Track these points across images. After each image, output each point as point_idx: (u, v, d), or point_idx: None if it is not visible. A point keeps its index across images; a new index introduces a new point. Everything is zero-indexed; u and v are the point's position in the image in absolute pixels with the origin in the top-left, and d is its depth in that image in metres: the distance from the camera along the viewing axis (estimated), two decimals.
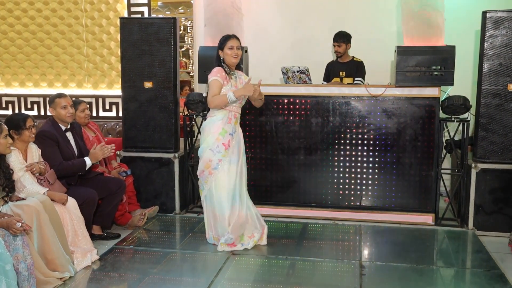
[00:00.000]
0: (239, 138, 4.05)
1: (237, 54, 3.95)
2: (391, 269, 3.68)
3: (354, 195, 4.81)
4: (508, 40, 4.30)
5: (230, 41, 3.95)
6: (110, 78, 6.78)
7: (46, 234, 3.29)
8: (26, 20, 6.88)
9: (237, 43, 3.97)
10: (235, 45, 3.94)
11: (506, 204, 4.42)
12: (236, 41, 3.97)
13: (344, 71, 5.29)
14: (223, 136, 3.94)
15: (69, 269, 3.42)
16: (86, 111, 4.52)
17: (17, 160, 3.56)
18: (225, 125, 3.96)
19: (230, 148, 3.95)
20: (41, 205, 3.31)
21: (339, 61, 5.35)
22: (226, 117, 3.96)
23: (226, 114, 3.96)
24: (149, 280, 3.46)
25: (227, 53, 3.95)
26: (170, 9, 7.68)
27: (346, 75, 5.30)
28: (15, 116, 3.69)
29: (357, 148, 4.76)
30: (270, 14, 6.08)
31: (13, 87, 7.10)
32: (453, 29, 4.94)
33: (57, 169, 3.83)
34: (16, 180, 3.48)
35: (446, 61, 4.45)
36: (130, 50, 4.88)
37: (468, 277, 3.59)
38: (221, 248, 3.96)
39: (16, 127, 3.58)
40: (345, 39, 5.22)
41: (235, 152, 3.98)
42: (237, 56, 3.96)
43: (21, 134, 3.60)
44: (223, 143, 3.93)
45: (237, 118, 4.04)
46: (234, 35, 4.02)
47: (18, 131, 3.58)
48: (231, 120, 3.98)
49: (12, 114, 3.73)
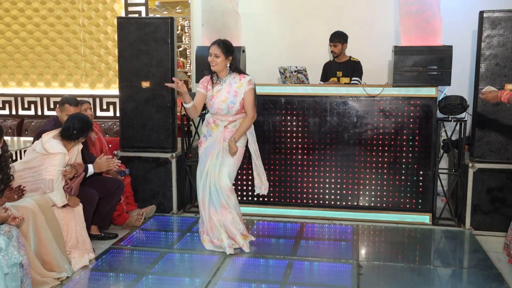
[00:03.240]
0: (215, 143, 3.92)
1: (215, 61, 3.84)
2: (389, 269, 3.68)
3: (352, 195, 4.81)
4: (505, 40, 4.31)
5: (210, 48, 3.88)
6: (107, 78, 6.77)
7: (42, 235, 3.28)
8: (23, 20, 6.86)
9: (214, 50, 3.83)
10: (213, 53, 3.84)
11: (503, 203, 4.43)
12: (214, 48, 3.85)
13: (341, 71, 5.28)
14: (201, 136, 4.12)
15: (66, 269, 3.42)
16: (89, 111, 4.45)
17: (62, 162, 3.58)
18: (204, 127, 4.08)
19: (201, 149, 4.04)
20: (37, 207, 3.30)
21: (336, 61, 5.35)
22: (206, 120, 4.06)
23: (208, 118, 4.05)
24: (146, 280, 3.46)
25: (208, 59, 3.91)
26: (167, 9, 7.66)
27: (343, 75, 5.29)
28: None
29: (355, 147, 4.76)
30: (268, 14, 6.08)
31: (10, 87, 7.08)
32: (450, 29, 4.94)
33: None
34: (47, 178, 3.50)
35: (443, 61, 4.46)
36: (128, 50, 4.87)
37: (465, 276, 3.59)
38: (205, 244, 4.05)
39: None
40: (341, 39, 5.21)
41: (206, 153, 3.97)
42: (215, 64, 3.85)
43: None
44: (200, 141, 4.11)
45: (216, 123, 3.96)
46: (215, 42, 3.89)
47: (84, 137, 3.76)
48: (209, 124, 4.00)
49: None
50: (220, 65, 3.86)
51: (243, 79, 3.91)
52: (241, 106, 3.91)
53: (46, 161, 3.56)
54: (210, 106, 3.96)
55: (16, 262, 2.85)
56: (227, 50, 3.87)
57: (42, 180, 3.53)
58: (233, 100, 3.88)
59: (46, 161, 3.56)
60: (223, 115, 3.93)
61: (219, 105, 3.89)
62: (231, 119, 3.95)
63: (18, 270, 2.90)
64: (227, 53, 3.86)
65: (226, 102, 3.88)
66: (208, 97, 3.96)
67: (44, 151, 3.57)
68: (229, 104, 3.88)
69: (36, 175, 3.57)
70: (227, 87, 3.90)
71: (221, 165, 3.92)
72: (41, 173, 3.53)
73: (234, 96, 3.87)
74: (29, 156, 3.67)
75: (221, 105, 3.89)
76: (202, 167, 3.98)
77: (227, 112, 3.91)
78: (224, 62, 3.87)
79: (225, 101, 3.88)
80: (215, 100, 3.90)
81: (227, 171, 3.93)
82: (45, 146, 3.59)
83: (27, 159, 3.66)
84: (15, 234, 3.01)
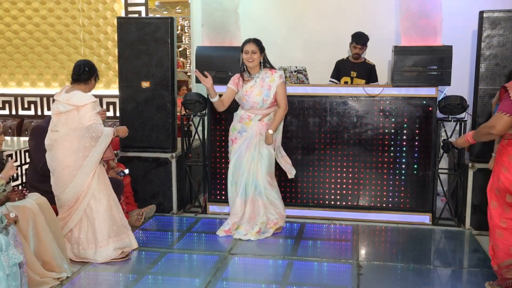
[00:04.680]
0: (251, 138, 4.21)
1: (252, 58, 4.12)
2: (389, 269, 3.68)
3: (352, 195, 4.81)
4: (504, 40, 4.31)
5: (246, 46, 4.15)
6: (107, 78, 6.77)
7: (42, 236, 3.28)
8: (23, 20, 6.87)
9: (251, 47, 4.12)
10: (249, 50, 4.12)
11: None
12: (251, 45, 4.13)
13: (355, 72, 5.29)
14: (233, 133, 4.33)
15: (66, 269, 3.42)
16: None
17: (96, 106, 3.66)
18: (236, 123, 4.32)
19: (235, 145, 4.29)
20: (37, 207, 3.30)
21: (351, 61, 5.34)
22: (238, 116, 4.30)
23: (241, 114, 4.29)
24: (146, 280, 3.46)
25: (243, 57, 4.18)
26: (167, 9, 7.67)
27: (357, 75, 5.30)
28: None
29: (355, 148, 4.76)
30: (267, 14, 6.07)
31: (10, 87, 7.09)
32: (450, 29, 4.95)
33: (41, 167, 3.81)
34: (92, 124, 3.58)
35: (443, 61, 4.46)
36: (127, 50, 4.87)
37: (465, 276, 3.59)
38: (217, 232, 4.32)
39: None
40: (366, 41, 5.20)
41: (242, 149, 4.23)
42: (252, 61, 4.12)
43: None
44: (231, 138, 4.35)
45: (251, 118, 4.24)
46: (251, 40, 4.17)
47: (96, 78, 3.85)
48: (243, 120, 4.25)
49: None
50: (256, 61, 4.16)
51: (275, 74, 4.21)
52: (274, 99, 4.20)
53: (82, 113, 3.58)
54: (246, 101, 4.22)
55: (17, 262, 2.85)
56: (261, 47, 4.20)
57: (87, 129, 3.58)
58: (267, 94, 4.17)
59: (82, 114, 3.58)
60: (258, 108, 4.21)
61: (255, 99, 4.17)
62: (265, 112, 4.24)
63: (18, 269, 2.90)
64: (261, 50, 4.20)
65: (261, 96, 4.17)
66: (242, 94, 4.24)
67: (73, 106, 3.58)
68: (264, 97, 4.17)
69: (81, 130, 3.60)
70: (261, 82, 4.18)
71: (259, 157, 4.23)
72: (84, 125, 3.59)
73: (268, 89, 4.17)
74: (56, 119, 3.64)
75: (256, 99, 4.17)
76: (239, 163, 4.26)
77: (261, 105, 4.19)
78: (259, 58, 4.18)
79: (260, 95, 4.17)
80: (251, 95, 4.18)
81: (265, 163, 4.24)
82: (71, 102, 3.59)
83: (57, 123, 3.63)
84: (12, 232, 3.00)
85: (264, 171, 4.24)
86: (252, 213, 4.31)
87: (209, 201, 5.06)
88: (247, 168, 4.24)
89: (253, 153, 4.22)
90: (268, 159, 4.26)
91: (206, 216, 4.94)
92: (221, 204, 5.01)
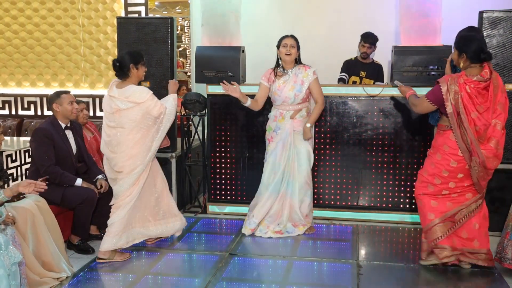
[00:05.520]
0: (286, 136, 4.21)
1: (290, 52, 4.14)
2: (388, 269, 3.68)
3: (351, 195, 4.81)
4: (504, 40, 4.31)
5: (285, 40, 4.19)
6: (107, 78, 6.77)
7: (41, 236, 3.28)
8: (23, 20, 6.87)
9: (290, 41, 4.17)
10: (288, 43, 4.15)
11: (502, 203, 4.42)
12: (290, 40, 4.18)
13: (365, 72, 5.29)
14: (269, 132, 4.35)
15: (65, 269, 3.42)
16: (85, 111, 4.50)
17: (153, 97, 3.77)
18: (271, 123, 4.31)
19: (272, 143, 4.28)
20: (36, 207, 3.30)
21: (361, 61, 5.34)
22: (272, 116, 4.32)
23: (274, 113, 4.31)
24: (146, 280, 3.46)
25: (281, 51, 4.18)
26: (167, 9, 7.68)
27: (367, 75, 5.31)
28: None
29: (354, 147, 4.76)
30: (268, 13, 6.07)
31: (10, 87, 7.09)
32: (450, 29, 4.94)
33: (45, 171, 3.81)
34: (161, 110, 3.73)
35: (443, 61, 4.45)
36: (127, 49, 4.85)
37: (465, 276, 3.59)
38: (243, 230, 4.32)
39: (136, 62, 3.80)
40: (375, 41, 5.21)
41: (278, 149, 4.23)
42: (290, 54, 4.14)
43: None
44: (268, 138, 4.36)
45: (283, 115, 4.24)
46: (288, 35, 4.21)
47: (136, 66, 3.81)
48: (277, 118, 4.25)
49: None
50: (294, 55, 4.18)
51: (309, 70, 4.22)
52: (306, 95, 4.21)
53: (145, 108, 3.69)
54: (278, 96, 4.22)
55: (16, 261, 2.85)
56: (299, 44, 4.23)
57: (155, 119, 3.75)
58: (300, 89, 4.17)
59: (146, 108, 3.69)
60: (290, 104, 4.21)
61: (287, 94, 4.17)
62: (296, 107, 4.24)
63: (17, 268, 2.90)
64: (298, 46, 4.23)
65: (293, 91, 4.16)
66: (274, 89, 4.24)
67: (134, 103, 3.67)
68: (296, 92, 4.16)
69: (148, 120, 3.74)
70: (294, 77, 4.20)
71: (295, 155, 4.23)
72: (153, 116, 3.73)
73: (301, 85, 4.17)
74: (118, 116, 3.71)
75: (288, 94, 4.17)
76: (277, 164, 4.25)
77: (293, 101, 4.19)
78: (296, 54, 4.21)
79: (292, 90, 4.17)
80: (283, 90, 4.18)
81: (304, 162, 4.23)
82: (131, 99, 3.68)
83: (120, 120, 3.71)
84: (10, 233, 3.00)
85: (302, 171, 4.23)
86: (279, 210, 4.30)
87: (209, 201, 5.06)
88: (283, 167, 4.23)
89: (288, 152, 4.22)
90: (308, 157, 4.24)
91: (206, 216, 4.94)
92: (221, 204, 5.01)
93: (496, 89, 3.34)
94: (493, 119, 3.33)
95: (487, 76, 3.31)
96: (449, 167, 3.43)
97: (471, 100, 3.29)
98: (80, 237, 4.01)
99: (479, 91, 3.31)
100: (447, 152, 3.43)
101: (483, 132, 3.32)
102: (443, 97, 3.33)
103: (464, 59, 3.39)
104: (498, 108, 3.35)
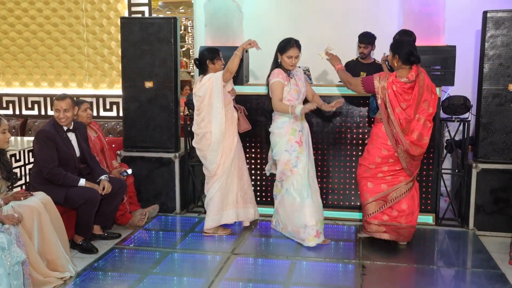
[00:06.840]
0: (307, 132, 4.26)
1: (294, 63, 4.11)
2: (392, 269, 3.68)
3: (355, 195, 4.80)
4: (508, 40, 4.30)
5: (290, 51, 4.06)
6: (110, 78, 6.78)
7: (46, 234, 3.29)
8: (27, 20, 6.88)
9: (296, 52, 4.08)
10: (294, 55, 4.07)
11: (506, 204, 4.42)
12: (296, 51, 4.08)
13: (365, 72, 5.26)
14: (294, 136, 4.13)
15: (69, 269, 3.43)
16: (88, 110, 4.49)
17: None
18: (293, 125, 4.14)
19: (303, 145, 4.15)
20: (42, 206, 3.32)
21: (361, 62, 5.32)
22: (292, 117, 4.11)
23: (289, 116, 4.11)
24: (149, 280, 3.46)
25: (286, 61, 4.09)
26: (170, 9, 7.68)
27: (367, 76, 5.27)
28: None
29: (358, 148, 4.75)
30: (271, 14, 6.07)
31: (14, 87, 7.11)
32: (453, 29, 4.94)
33: (48, 172, 3.82)
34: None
35: (446, 61, 4.45)
36: (131, 49, 4.88)
37: (468, 277, 3.59)
38: (313, 243, 4.02)
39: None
40: (371, 40, 5.16)
41: (305, 147, 4.18)
42: (293, 65, 4.11)
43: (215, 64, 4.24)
44: (296, 141, 4.12)
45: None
46: (295, 43, 4.09)
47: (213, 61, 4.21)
48: (297, 117, 4.13)
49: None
50: (297, 64, 4.18)
51: (298, 69, 4.30)
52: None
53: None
54: (297, 93, 4.14)
55: (19, 260, 2.86)
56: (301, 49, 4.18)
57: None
58: (304, 86, 4.25)
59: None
60: (300, 100, 4.22)
61: (297, 95, 4.15)
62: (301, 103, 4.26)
63: (21, 268, 2.91)
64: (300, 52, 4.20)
65: (303, 89, 4.22)
66: (292, 87, 4.13)
67: (216, 87, 4.10)
68: (303, 90, 4.22)
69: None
70: (297, 77, 4.22)
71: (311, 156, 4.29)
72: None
73: (304, 82, 4.26)
74: (214, 101, 4.14)
75: (298, 96, 4.16)
76: (310, 165, 4.23)
77: (302, 98, 4.23)
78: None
79: (303, 87, 4.22)
80: (300, 90, 4.17)
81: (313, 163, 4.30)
82: (214, 86, 4.10)
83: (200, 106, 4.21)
84: (14, 232, 3.02)
85: (313, 172, 4.26)
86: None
87: None
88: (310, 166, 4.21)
89: (309, 152, 4.25)
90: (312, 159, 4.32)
91: None
92: None
93: (422, 89, 3.80)
94: (416, 114, 3.80)
95: (412, 78, 3.77)
96: (381, 154, 3.93)
97: (396, 98, 3.79)
98: (83, 237, 4.02)
99: (405, 90, 3.79)
100: (379, 142, 3.93)
101: (406, 125, 3.81)
102: (375, 89, 3.85)
103: (397, 60, 3.83)
104: (423, 105, 3.81)
